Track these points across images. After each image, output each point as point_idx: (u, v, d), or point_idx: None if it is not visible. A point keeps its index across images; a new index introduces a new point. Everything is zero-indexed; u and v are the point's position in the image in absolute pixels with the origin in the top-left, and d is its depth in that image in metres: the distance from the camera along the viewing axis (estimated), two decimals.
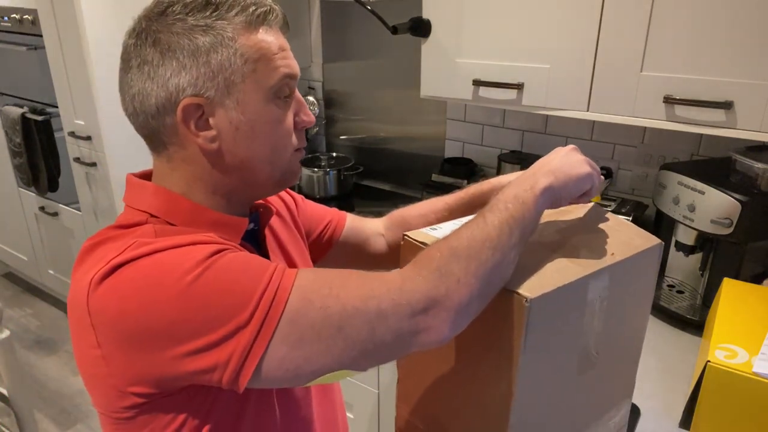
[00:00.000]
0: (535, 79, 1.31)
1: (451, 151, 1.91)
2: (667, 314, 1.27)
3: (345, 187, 2.05)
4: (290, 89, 0.69)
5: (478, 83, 1.39)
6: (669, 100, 1.13)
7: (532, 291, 0.58)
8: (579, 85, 1.25)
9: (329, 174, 2.00)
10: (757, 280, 1.18)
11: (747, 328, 0.91)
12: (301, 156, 0.73)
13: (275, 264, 0.60)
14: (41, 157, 2.41)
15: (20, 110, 2.38)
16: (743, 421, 0.85)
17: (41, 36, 2.12)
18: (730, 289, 1.04)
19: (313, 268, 0.63)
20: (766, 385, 0.81)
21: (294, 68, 0.68)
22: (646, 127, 1.40)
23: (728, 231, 1.12)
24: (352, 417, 1.80)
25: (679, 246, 1.27)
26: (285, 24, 0.70)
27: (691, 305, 1.27)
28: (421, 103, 1.71)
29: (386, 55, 1.96)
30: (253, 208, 0.77)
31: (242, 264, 0.59)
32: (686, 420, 0.95)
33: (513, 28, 1.31)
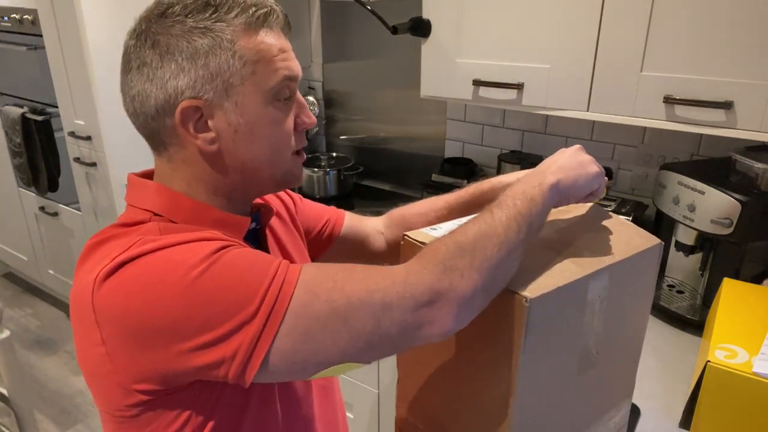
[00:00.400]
0: (535, 79, 1.31)
1: (451, 151, 1.91)
2: (667, 314, 1.27)
3: (345, 187, 2.05)
4: (291, 91, 0.68)
5: (478, 83, 1.39)
6: (669, 100, 1.13)
7: (531, 291, 0.58)
8: (579, 85, 1.26)
9: (329, 174, 2.00)
10: (757, 280, 1.18)
11: (747, 328, 0.91)
12: (303, 158, 0.73)
13: (280, 259, 0.61)
14: (41, 157, 2.41)
15: (20, 110, 2.38)
16: (743, 421, 0.85)
17: (41, 36, 2.12)
18: (730, 289, 1.04)
19: (317, 263, 0.64)
20: (766, 385, 0.81)
21: (294, 70, 0.68)
22: (646, 127, 1.40)
23: (728, 231, 1.12)
24: (352, 417, 1.80)
25: (679, 246, 1.27)
26: (286, 25, 0.69)
27: (691, 305, 1.27)
28: (421, 103, 1.71)
29: (386, 55, 1.97)
30: (253, 207, 0.77)
31: (247, 259, 0.60)
32: (686, 420, 0.95)
33: (513, 28, 1.31)
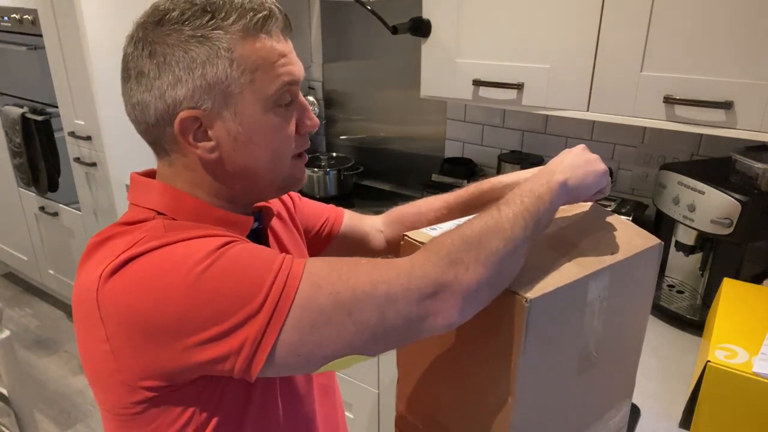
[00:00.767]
0: (535, 79, 1.31)
1: (451, 151, 1.91)
2: (667, 314, 1.27)
3: (345, 187, 2.05)
4: (292, 95, 0.68)
5: (478, 83, 1.39)
6: (669, 100, 1.13)
7: (531, 291, 0.58)
8: (579, 85, 1.26)
9: (329, 174, 2.00)
10: (757, 280, 1.18)
11: (747, 328, 0.91)
12: (305, 160, 0.73)
13: (284, 254, 0.61)
14: (41, 157, 2.41)
15: (20, 110, 2.38)
16: (743, 421, 0.84)
17: (41, 36, 2.12)
18: (730, 289, 1.04)
19: (322, 258, 0.64)
20: (766, 385, 0.81)
21: (295, 73, 0.67)
22: (646, 127, 1.40)
23: (728, 231, 1.12)
24: (352, 417, 1.79)
25: (679, 246, 1.27)
26: (287, 26, 0.68)
27: (691, 305, 1.27)
28: (421, 103, 1.71)
29: (386, 55, 1.97)
30: (255, 208, 0.77)
31: (251, 254, 0.60)
32: (686, 420, 0.95)
33: (513, 28, 1.31)
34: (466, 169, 1.77)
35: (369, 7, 1.48)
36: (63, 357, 2.60)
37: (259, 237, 0.78)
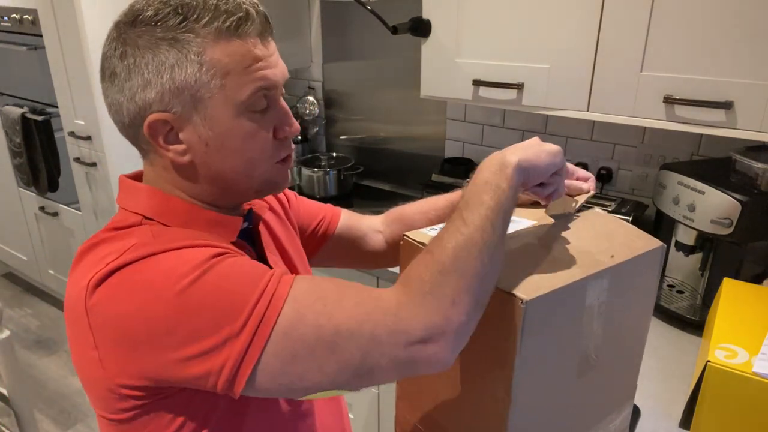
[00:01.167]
0: (535, 79, 1.31)
1: (451, 151, 1.91)
2: (667, 314, 1.27)
3: (345, 187, 2.05)
4: (270, 100, 0.66)
5: (478, 83, 1.39)
6: (669, 100, 1.13)
7: (527, 293, 0.57)
8: (579, 85, 1.25)
9: (329, 174, 2.00)
10: (757, 280, 1.18)
11: (747, 328, 0.91)
12: (288, 165, 0.71)
13: (272, 271, 0.60)
14: (41, 157, 2.41)
15: (20, 110, 2.38)
16: (743, 421, 0.84)
17: (41, 36, 2.12)
18: (730, 289, 1.04)
19: (311, 277, 0.62)
20: (766, 385, 0.81)
21: (271, 78, 0.65)
22: (646, 127, 1.40)
23: (728, 231, 1.12)
24: (352, 417, 1.79)
25: (679, 246, 1.27)
26: (266, 29, 0.66)
27: (691, 305, 1.27)
28: (421, 103, 1.71)
29: (386, 55, 1.96)
30: (246, 205, 0.77)
31: (237, 271, 0.59)
32: (686, 420, 0.95)
33: (513, 28, 1.31)
34: (466, 169, 1.77)
35: (369, 7, 1.48)
36: (63, 357, 2.60)
37: (251, 236, 0.77)
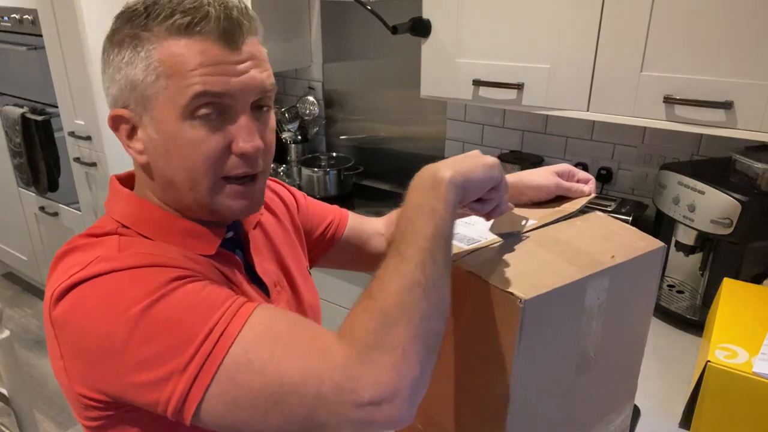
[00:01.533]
0: (535, 79, 1.31)
1: (451, 151, 1.91)
2: (667, 314, 1.27)
3: (345, 187, 2.05)
4: (224, 109, 0.62)
5: (478, 83, 1.39)
6: (669, 100, 1.13)
7: (526, 292, 0.57)
8: (579, 85, 1.25)
9: (329, 174, 2.00)
10: (757, 280, 1.18)
11: (747, 328, 0.91)
12: (249, 189, 0.66)
13: (230, 302, 0.57)
14: (41, 157, 2.41)
15: (20, 110, 2.38)
16: (743, 421, 0.84)
17: (41, 36, 2.12)
18: (730, 289, 1.04)
19: (269, 312, 0.58)
20: (766, 385, 0.81)
21: (212, 85, 0.60)
22: (646, 127, 1.40)
23: (728, 231, 1.12)
24: None
25: (679, 246, 1.27)
26: (233, 33, 0.61)
27: (691, 305, 1.27)
28: (421, 103, 1.70)
29: (386, 55, 1.96)
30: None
31: (192, 300, 0.57)
32: (686, 420, 0.95)
33: (513, 28, 1.31)
34: None
35: (369, 7, 1.48)
36: None
37: (239, 243, 0.75)
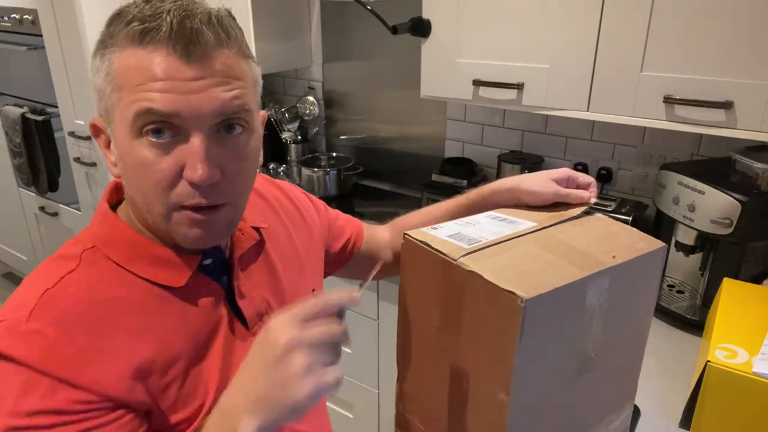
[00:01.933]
0: (535, 79, 1.31)
1: (451, 151, 1.91)
2: (667, 314, 1.27)
3: (345, 187, 2.05)
4: (170, 128, 0.56)
5: (478, 83, 1.39)
6: (669, 100, 1.13)
7: (527, 291, 0.57)
8: (579, 85, 1.26)
9: (329, 174, 2.00)
10: (757, 280, 1.18)
11: (747, 328, 0.91)
12: (206, 218, 0.59)
13: None
14: (41, 157, 2.41)
15: (20, 110, 2.38)
16: (743, 421, 0.84)
17: (41, 36, 2.12)
18: (730, 289, 1.04)
19: None
20: (766, 385, 0.81)
21: (164, 104, 0.54)
22: (646, 127, 1.40)
23: (728, 231, 1.12)
24: (352, 417, 1.80)
25: (679, 246, 1.27)
26: (190, 45, 0.55)
27: (691, 305, 1.27)
28: (421, 103, 1.71)
29: (386, 55, 1.97)
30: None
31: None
32: (686, 420, 0.95)
33: (513, 28, 1.31)
34: (466, 169, 1.77)
35: (369, 7, 1.48)
36: None
37: (229, 269, 0.70)
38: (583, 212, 0.78)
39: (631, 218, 1.38)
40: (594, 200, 0.79)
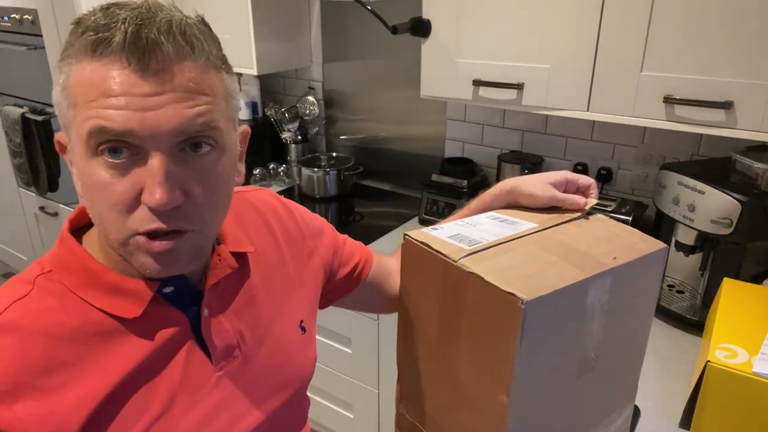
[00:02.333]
0: (535, 79, 1.31)
1: (451, 151, 1.91)
2: (667, 314, 1.27)
3: (345, 187, 2.05)
4: (127, 147, 0.51)
5: (478, 83, 1.39)
6: (669, 100, 1.13)
7: (528, 293, 0.57)
8: (579, 85, 1.26)
9: (329, 174, 2.00)
10: (757, 280, 1.18)
11: (747, 328, 0.92)
12: (162, 245, 0.54)
13: None
14: (41, 157, 2.41)
15: (20, 110, 2.38)
16: (743, 421, 0.85)
17: (41, 36, 2.12)
18: (730, 289, 1.04)
19: None
20: (766, 385, 0.81)
21: (114, 121, 0.50)
22: (646, 127, 1.40)
23: (728, 231, 1.12)
24: (352, 417, 1.80)
25: (679, 246, 1.27)
26: (145, 57, 0.50)
27: (691, 305, 1.27)
28: (421, 103, 1.71)
29: (386, 55, 1.96)
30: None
31: None
32: (686, 420, 0.95)
33: (513, 28, 1.31)
34: (466, 169, 1.77)
35: (369, 7, 1.48)
36: None
37: (199, 297, 0.65)
38: (584, 213, 0.78)
39: (631, 218, 1.38)
40: (594, 202, 0.79)
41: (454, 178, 1.74)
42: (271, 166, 2.15)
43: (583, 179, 0.80)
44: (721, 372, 0.84)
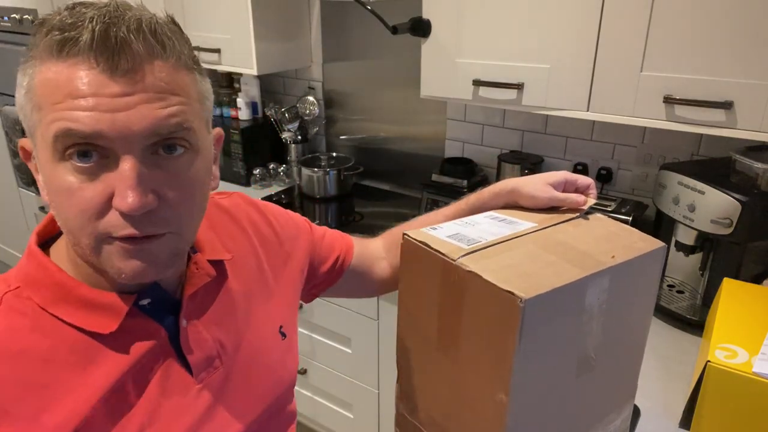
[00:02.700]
0: (535, 79, 1.31)
1: (451, 151, 1.91)
2: (667, 314, 1.27)
3: (345, 187, 2.05)
4: (96, 150, 0.50)
5: (478, 83, 1.39)
6: (669, 100, 1.13)
7: (527, 291, 0.57)
8: (579, 85, 1.26)
9: (329, 174, 2.00)
10: (757, 280, 1.18)
11: (747, 328, 0.91)
12: (137, 248, 0.52)
13: None
14: None
15: None
16: (743, 421, 0.84)
17: None
18: (730, 289, 1.04)
19: None
20: (766, 385, 0.81)
21: (82, 123, 0.48)
22: (646, 127, 1.40)
23: (728, 231, 1.12)
24: (352, 417, 1.80)
25: (679, 246, 1.27)
26: (116, 57, 0.48)
27: (691, 305, 1.27)
28: (421, 103, 1.71)
29: (386, 55, 1.97)
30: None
31: None
32: (686, 420, 0.95)
33: (513, 28, 1.31)
34: (466, 169, 1.77)
35: (369, 7, 1.48)
36: None
37: (177, 308, 0.63)
38: (583, 212, 0.78)
39: (631, 218, 1.38)
40: (593, 201, 0.79)
41: (454, 178, 1.74)
42: (271, 166, 2.15)
43: (582, 179, 0.80)
44: (721, 372, 0.84)
